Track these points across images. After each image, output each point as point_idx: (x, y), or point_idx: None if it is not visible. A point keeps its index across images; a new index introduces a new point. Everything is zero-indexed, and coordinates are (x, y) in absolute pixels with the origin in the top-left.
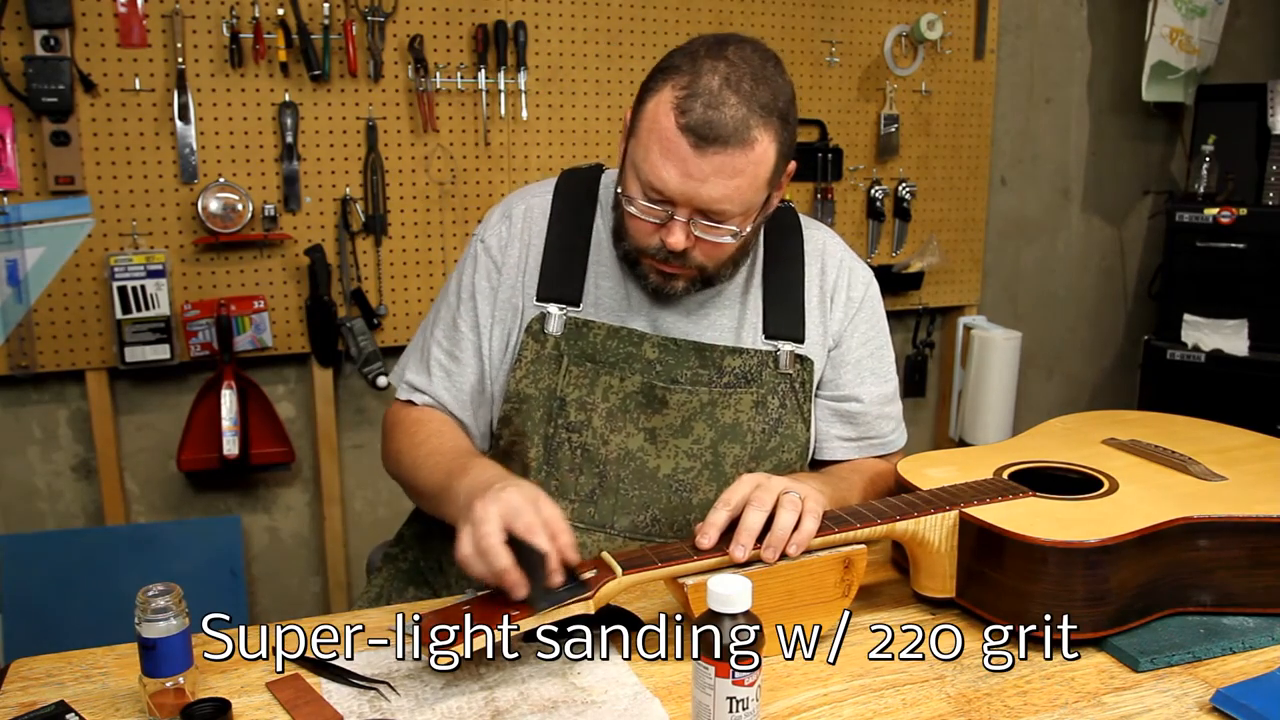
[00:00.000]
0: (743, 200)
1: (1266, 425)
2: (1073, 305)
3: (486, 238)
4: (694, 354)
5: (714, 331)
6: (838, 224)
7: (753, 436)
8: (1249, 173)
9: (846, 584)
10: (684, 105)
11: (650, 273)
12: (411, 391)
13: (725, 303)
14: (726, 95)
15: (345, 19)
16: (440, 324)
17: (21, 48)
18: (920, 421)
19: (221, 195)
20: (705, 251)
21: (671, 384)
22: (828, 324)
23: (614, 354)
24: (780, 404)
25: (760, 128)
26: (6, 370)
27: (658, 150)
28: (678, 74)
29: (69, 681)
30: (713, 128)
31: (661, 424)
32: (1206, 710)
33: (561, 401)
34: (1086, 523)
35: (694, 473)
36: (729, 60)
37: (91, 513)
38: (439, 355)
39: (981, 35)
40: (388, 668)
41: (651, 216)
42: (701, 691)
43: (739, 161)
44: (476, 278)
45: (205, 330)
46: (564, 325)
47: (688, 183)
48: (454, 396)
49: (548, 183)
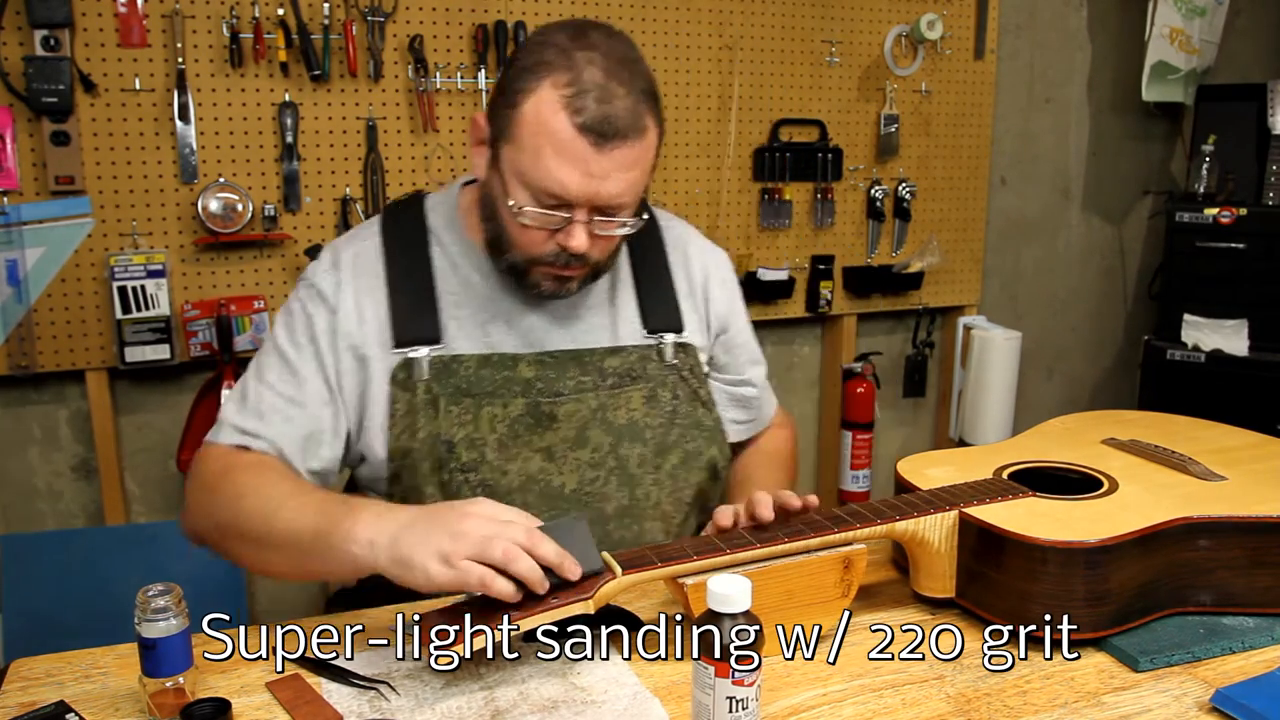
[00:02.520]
0: (637, 190)
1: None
2: (1073, 305)
3: (317, 282)
4: (572, 363)
5: (590, 335)
6: (838, 224)
7: (651, 433)
8: (1249, 173)
9: (846, 584)
10: (575, 103)
11: (543, 280)
12: (241, 435)
13: (595, 303)
14: (614, 87)
15: (345, 19)
16: (271, 371)
17: (21, 48)
18: (920, 421)
19: (221, 195)
20: (601, 247)
21: (556, 398)
22: (708, 310)
23: (490, 382)
24: (673, 395)
25: (647, 115)
26: (6, 370)
27: (552, 153)
28: (553, 70)
29: (69, 681)
30: (611, 123)
31: (556, 440)
32: (1206, 710)
33: (449, 444)
34: (1086, 523)
35: (600, 481)
36: (601, 49)
37: (91, 513)
38: (274, 400)
39: (981, 35)
40: (388, 668)
41: (548, 223)
42: (701, 691)
43: (636, 153)
44: (315, 322)
45: (205, 330)
46: (431, 366)
47: (589, 182)
48: (292, 440)
49: (371, 224)
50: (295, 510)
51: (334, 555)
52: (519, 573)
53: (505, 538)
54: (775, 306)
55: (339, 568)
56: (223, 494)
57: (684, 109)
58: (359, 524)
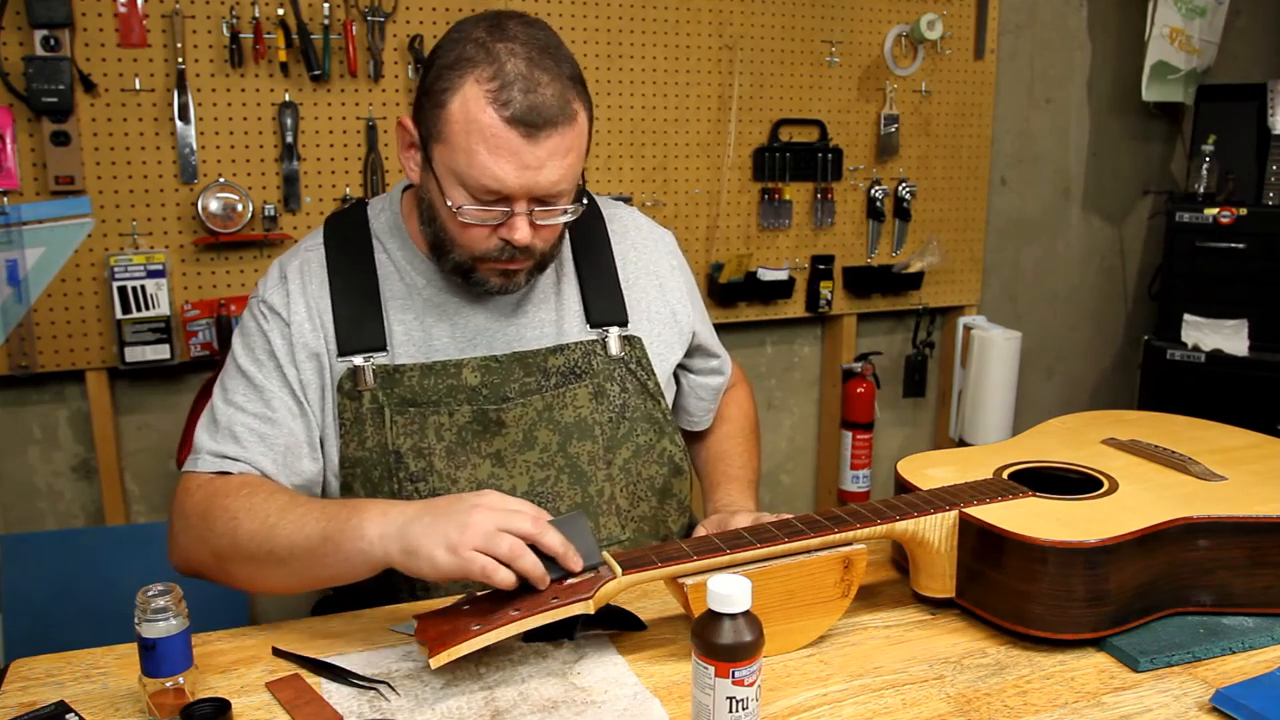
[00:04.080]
0: (573, 176)
1: (1266, 425)
2: (1073, 305)
3: (268, 298)
4: (516, 365)
5: (535, 330)
6: (838, 224)
7: (600, 429)
8: (1249, 173)
9: (846, 584)
10: (501, 96)
11: (490, 276)
12: (219, 461)
13: (540, 298)
14: (539, 75)
15: (345, 19)
16: (237, 392)
17: (21, 48)
18: (920, 421)
19: (221, 195)
20: (544, 237)
21: (503, 402)
22: (667, 297)
23: (434, 391)
24: (621, 389)
25: (576, 99)
26: (6, 370)
27: (485, 149)
28: (474, 65)
29: (69, 681)
30: (539, 112)
31: (505, 444)
32: (1206, 710)
33: (397, 454)
34: (1086, 523)
35: (551, 481)
36: (520, 39)
37: (91, 513)
38: (246, 421)
39: (981, 35)
40: (388, 668)
41: (489, 219)
42: (701, 691)
43: (568, 139)
44: (271, 338)
45: (205, 330)
46: (376, 375)
47: (525, 174)
48: (271, 460)
49: (315, 235)
50: (296, 521)
51: (344, 555)
52: (523, 568)
53: (512, 529)
54: (775, 306)
55: (350, 568)
56: (216, 520)
57: (684, 109)
58: (366, 520)
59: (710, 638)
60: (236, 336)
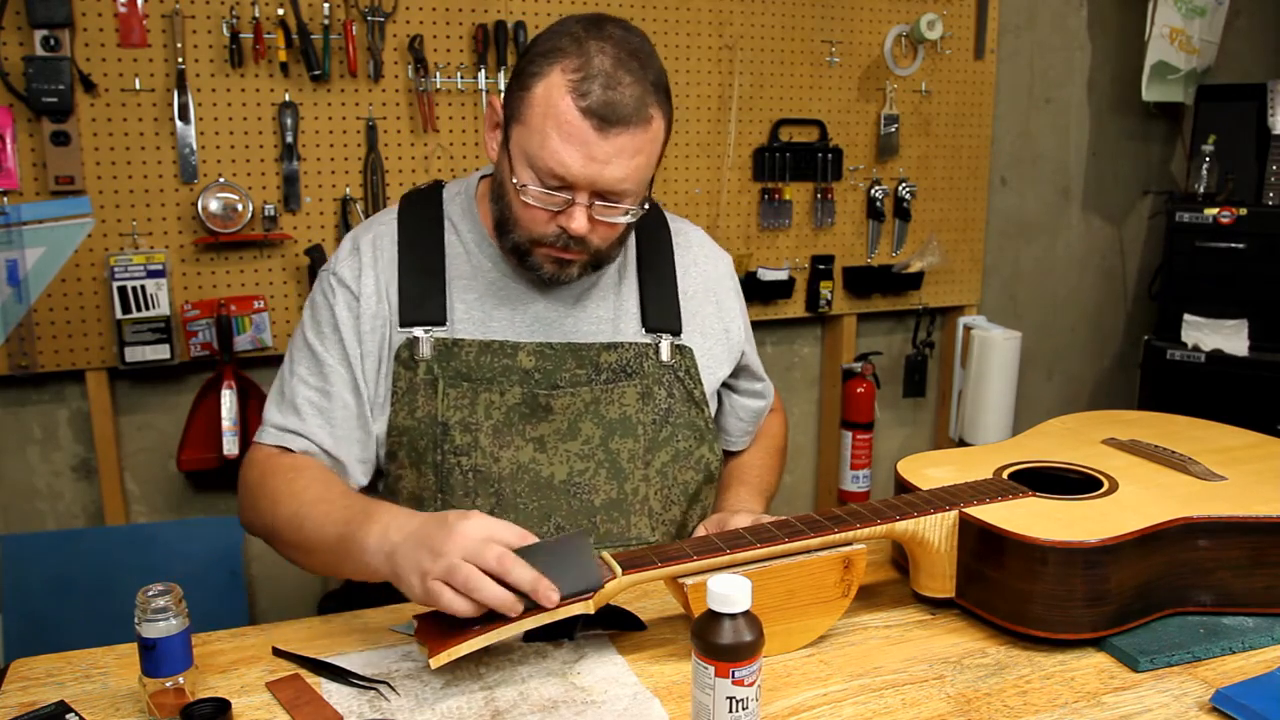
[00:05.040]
0: (640, 179)
1: (1266, 425)
2: (1073, 305)
3: (339, 270)
4: (570, 355)
5: (591, 324)
6: (838, 224)
7: (643, 429)
8: (1249, 173)
9: (846, 584)
10: (582, 88)
11: (545, 262)
12: (281, 434)
13: (601, 294)
14: (621, 75)
15: (345, 19)
16: (301, 364)
17: (21, 48)
18: (920, 421)
19: (221, 195)
20: (602, 234)
21: (553, 389)
22: (722, 314)
23: (489, 369)
24: (668, 394)
25: (654, 106)
26: (6, 370)
27: (557, 136)
28: (564, 56)
29: (69, 681)
30: (614, 109)
31: (549, 430)
32: (1206, 710)
33: (444, 426)
34: (1086, 523)
35: (589, 473)
36: (614, 39)
37: (91, 513)
38: (308, 394)
39: (981, 35)
40: (388, 668)
41: (550, 204)
42: (701, 691)
43: (639, 141)
44: (337, 310)
45: (205, 330)
46: (433, 348)
47: (590, 166)
48: (330, 434)
49: (389, 211)
50: (320, 517)
51: (353, 561)
52: (483, 599)
53: (479, 560)
54: (775, 306)
55: (364, 572)
56: (264, 500)
57: (684, 109)
58: (370, 535)
59: (710, 638)
60: (306, 307)
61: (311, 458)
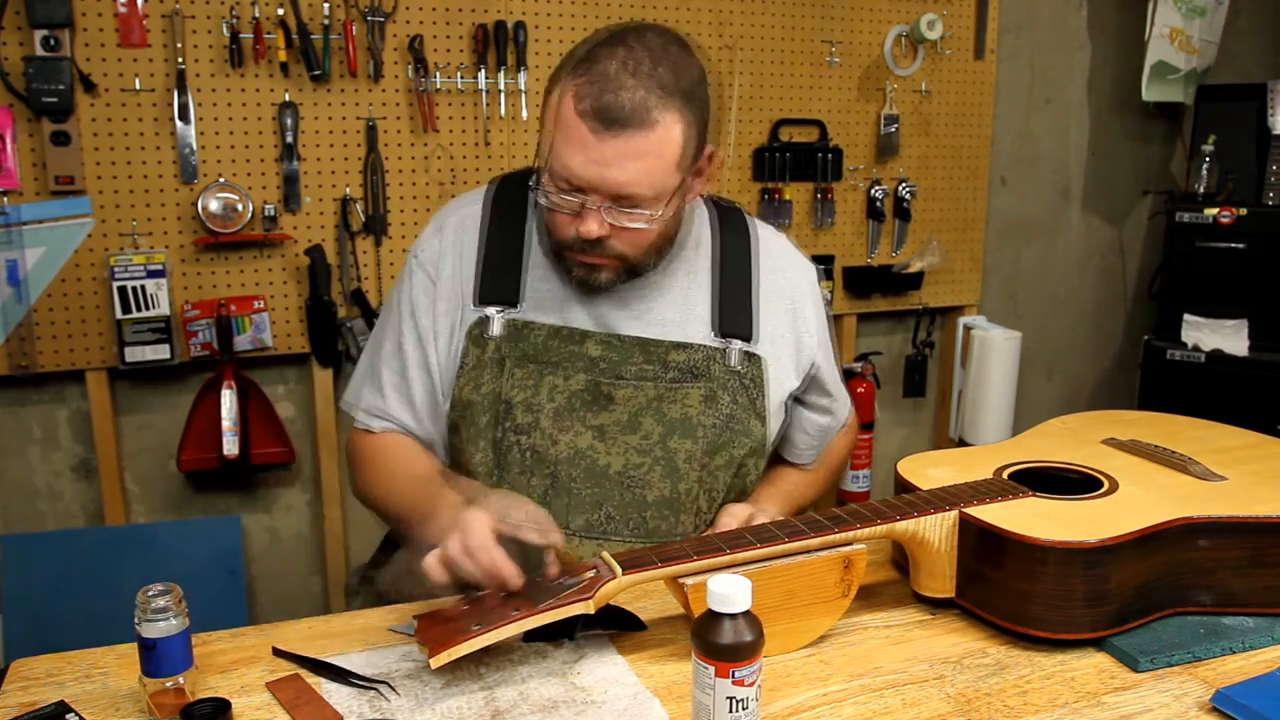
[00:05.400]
0: (652, 183)
1: (1266, 425)
2: (1073, 305)
3: (420, 253)
4: (638, 349)
5: (657, 326)
6: (837, 224)
7: (704, 431)
8: (1249, 173)
9: (846, 584)
10: (581, 92)
11: (575, 265)
12: (369, 418)
13: (667, 296)
14: (623, 79)
15: (345, 19)
16: (387, 344)
17: (21, 48)
18: (920, 421)
19: (221, 195)
20: (624, 239)
21: (617, 380)
22: (797, 325)
23: (557, 353)
24: (732, 400)
25: (661, 108)
26: (6, 370)
27: (561, 139)
28: (579, 63)
29: (69, 681)
30: (609, 111)
31: (609, 421)
32: (1206, 710)
33: (507, 404)
34: (1086, 523)
35: (645, 468)
36: (627, 46)
37: (91, 513)
38: (390, 376)
39: (981, 35)
40: (388, 668)
41: (566, 207)
42: (701, 691)
43: (641, 143)
44: (415, 293)
45: (205, 330)
46: (504, 327)
47: (592, 167)
48: (412, 415)
49: (479, 191)
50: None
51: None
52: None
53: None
54: None
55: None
56: (360, 477)
57: None
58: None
59: (710, 638)
60: (393, 288)
61: (396, 437)
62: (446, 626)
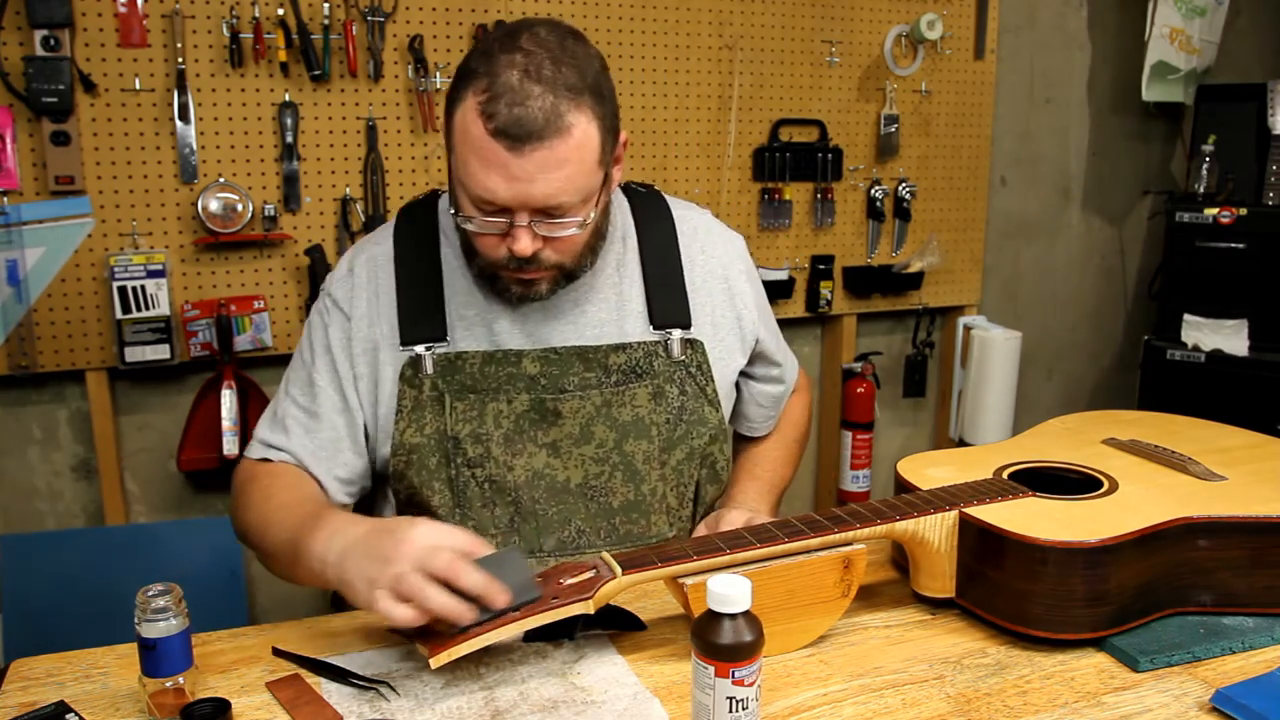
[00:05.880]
0: (576, 189)
1: (1266, 425)
2: (1073, 305)
3: (333, 291)
4: (576, 359)
5: (594, 329)
6: (838, 224)
7: (657, 429)
8: (1249, 173)
9: (846, 584)
10: (488, 109)
11: (511, 284)
12: (265, 449)
13: (600, 297)
14: (529, 87)
15: (345, 19)
16: (295, 383)
17: (21, 48)
18: (920, 421)
19: (221, 195)
20: (557, 248)
21: (560, 394)
22: (734, 302)
23: (494, 378)
24: (680, 391)
25: (573, 111)
26: (6, 370)
27: (476, 162)
28: (476, 78)
29: (69, 681)
30: (523, 125)
31: (560, 435)
32: (1206, 710)
33: (455, 440)
34: (1086, 523)
35: (605, 476)
36: (524, 50)
37: (91, 513)
38: (295, 412)
39: (981, 35)
40: (388, 668)
41: (493, 229)
42: (701, 691)
43: (560, 152)
44: (330, 332)
45: (205, 330)
46: (436, 363)
47: (515, 186)
48: (312, 451)
49: (387, 227)
50: (280, 522)
51: (304, 567)
52: (431, 609)
53: (429, 568)
54: (775, 306)
55: (310, 581)
56: (238, 505)
57: (684, 109)
58: (316, 540)
59: (710, 638)
60: (305, 326)
61: (289, 465)
62: (446, 627)
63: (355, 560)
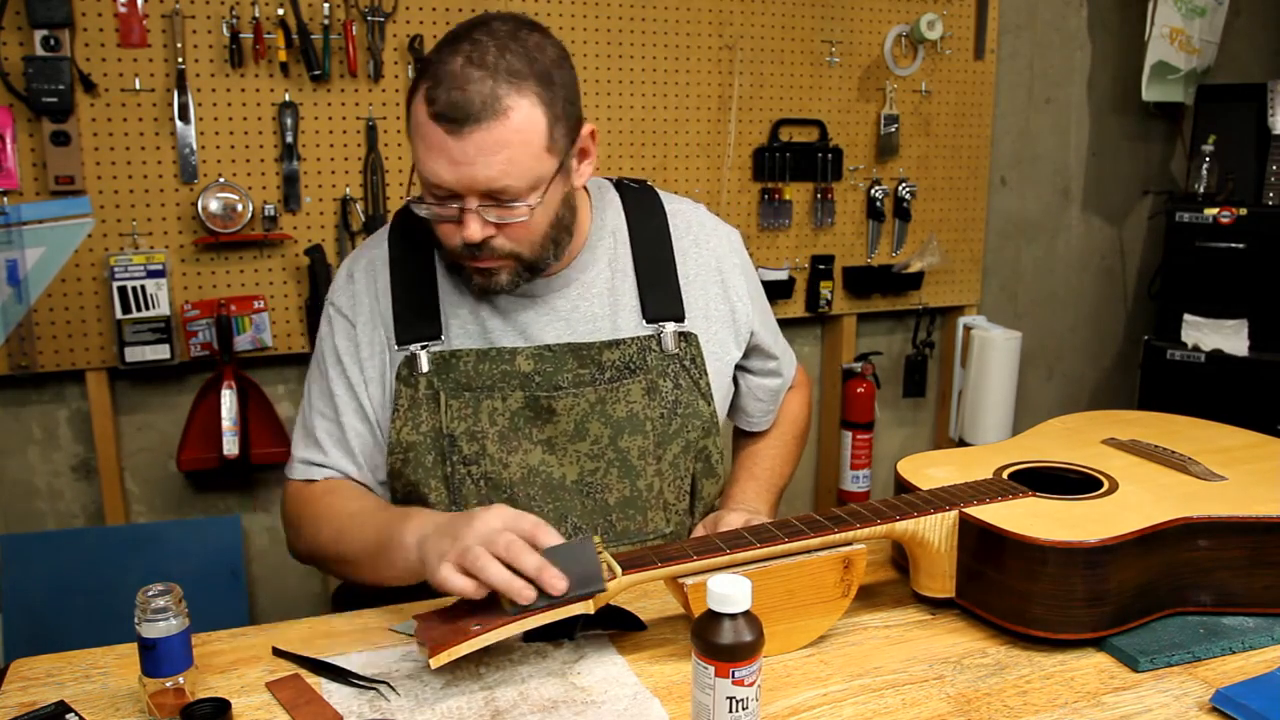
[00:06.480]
0: (521, 173)
1: (1266, 425)
2: (1073, 305)
3: (336, 300)
4: (570, 356)
5: (585, 324)
6: (838, 224)
7: (652, 424)
8: (1249, 173)
9: (846, 584)
10: (430, 94)
11: (472, 274)
12: (308, 468)
13: (593, 291)
14: (469, 72)
15: (345, 19)
16: (317, 397)
17: (21, 48)
18: (920, 421)
19: (221, 195)
20: (510, 236)
21: (555, 391)
22: (728, 294)
23: (489, 376)
24: (674, 385)
25: (513, 95)
26: (6, 370)
27: (423, 147)
28: (428, 68)
29: (69, 681)
30: (458, 108)
31: (555, 433)
32: (1206, 710)
33: (451, 438)
34: (1086, 523)
35: (600, 473)
36: (472, 40)
37: (91, 513)
38: (325, 426)
39: (981, 35)
40: (388, 668)
41: (443, 215)
42: (701, 691)
43: (498, 134)
44: (338, 340)
45: (205, 330)
46: (431, 362)
47: (457, 169)
48: (352, 461)
49: (382, 232)
50: (359, 527)
51: (394, 561)
52: (487, 579)
53: (488, 546)
54: (775, 306)
55: (401, 572)
56: (304, 526)
57: (684, 109)
58: (407, 531)
59: (710, 638)
60: (317, 341)
61: (339, 480)
62: (446, 626)
63: (434, 540)
